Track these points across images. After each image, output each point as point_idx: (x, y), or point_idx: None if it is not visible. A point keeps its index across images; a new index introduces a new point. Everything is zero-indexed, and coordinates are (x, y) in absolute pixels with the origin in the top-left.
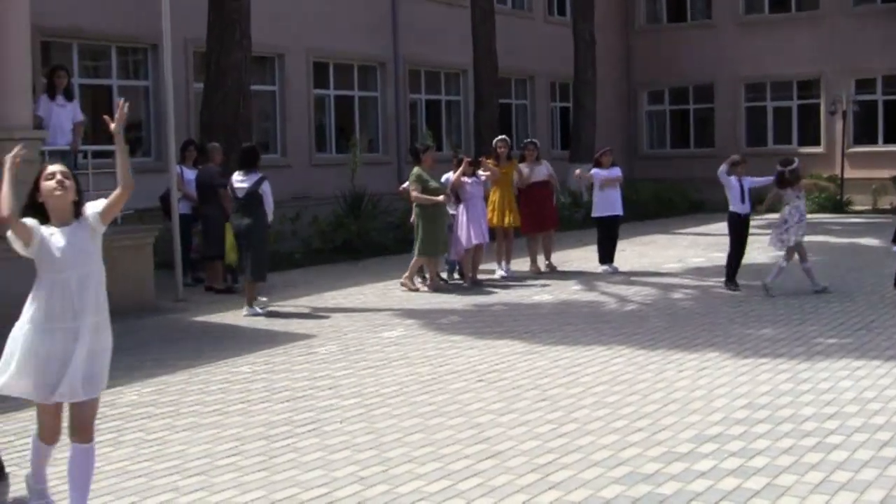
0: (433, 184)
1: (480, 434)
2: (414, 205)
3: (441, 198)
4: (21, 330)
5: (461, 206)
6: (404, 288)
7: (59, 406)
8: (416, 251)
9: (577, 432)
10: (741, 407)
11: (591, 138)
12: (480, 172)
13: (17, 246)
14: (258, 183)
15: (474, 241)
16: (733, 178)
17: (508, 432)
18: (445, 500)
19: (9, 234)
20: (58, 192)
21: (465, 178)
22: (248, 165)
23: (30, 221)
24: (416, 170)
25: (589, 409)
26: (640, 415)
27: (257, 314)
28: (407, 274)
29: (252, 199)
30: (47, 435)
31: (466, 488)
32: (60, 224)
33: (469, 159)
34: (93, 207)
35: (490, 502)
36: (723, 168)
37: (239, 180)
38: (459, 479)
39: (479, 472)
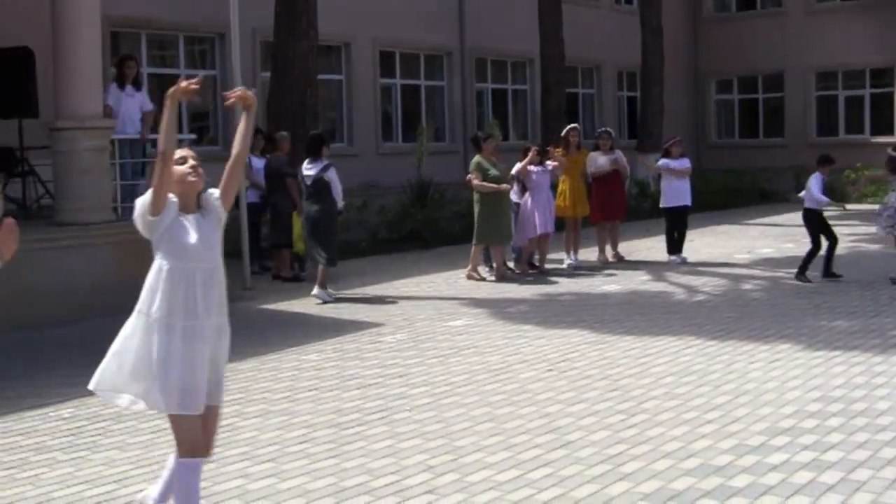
0: (493, 172)
1: (550, 424)
2: (474, 193)
3: (503, 186)
4: (136, 326)
5: (527, 195)
6: (471, 279)
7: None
8: (474, 239)
9: (648, 423)
10: (814, 400)
11: (658, 128)
12: (548, 162)
13: (144, 219)
14: (324, 170)
15: (539, 231)
16: (819, 175)
17: (578, 422)
18: (515, 490)
19: (144, 199)
20: (192, 178)
21: (532, 167)
22: (314, 153)
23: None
24: (476, 158)
25: (659, 399)
26: (711, 406)
27: (325, 300)
28: (470, 266)
29: (319, 186)
30: (196, 447)
31: (536, 478)
32: (185, 214)
33: (536, 148)
34: (212, 194)
35: (560, 492)
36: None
37: (307, 168)
38: (529, 468)
39: (550, 461)
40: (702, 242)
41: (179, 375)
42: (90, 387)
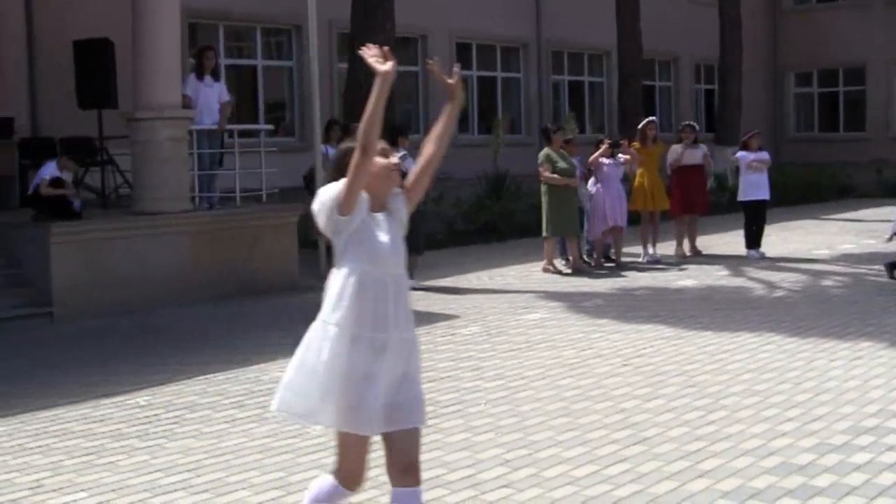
0: (562, 164)
1: (627, 419)
2: (542, 185)
3: (572, 180)
4: (323, 336)
5: (598, 188)
6: (547, 273)
7: (367, 439)
8: (544, 232)
9: (727, 420)
10: None
11: (736, 121)
12: (620, 155)
13: (331, 218)
14: (401, 159)
15: (610, 223)
16: None
17: (655, 418)
18: (592, 486)
19: (331, 194)
20: (395, 175)
21: (604, 160)
22: (391, 143)
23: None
24: (545, 150)
25: (738, 396)
26: (792, 404)
27: (412, 287)
28: (546, 259)
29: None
30: (351, 477)
31: (614, 474)
32: (372, 213)
33: (609, 141)
34: (398, 193)
35: (638, 489)
36: None
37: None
38: (606, 464)
39: (627, 457)
40: (779, 238)
41: (358, 390)
42: (273, 409)
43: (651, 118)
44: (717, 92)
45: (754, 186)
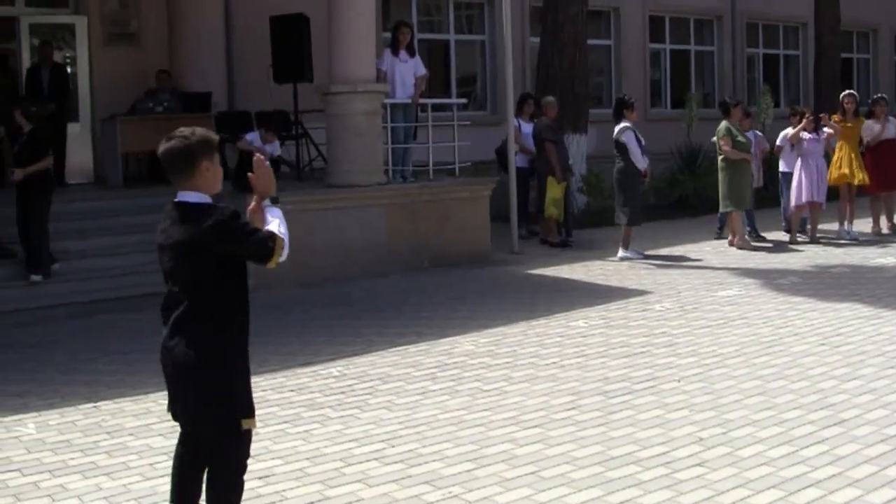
0: (741, 139)
1: (824, 400)
2: (720, 158)
3: (748, 155)
4: None
5: (798, 162)
6: (742, 249)
7: None
8: (722, 207)
9: None
10: None
11: None
12: (824, 128)
13: None
14: (620, 132)
15: (805, 199)
16: None
17: (854, 399)
18: (789, 467)
19: None
20: None
21: (805, 134)
22: (616, 116)
23: None
24: (723, 124)
25: None
26: None
27: (632, 258)
28: (737, 235)
29: (618, 147)
30: None
31: (810, 455)
32: None
33: (811, 115)
34: None
35: (836, 471)
36: None
37: (615, 130)
38: (802, 445)
39: (824, 439)
40: None
41: None
42: None
43: (849, 91)
44: None
45: None
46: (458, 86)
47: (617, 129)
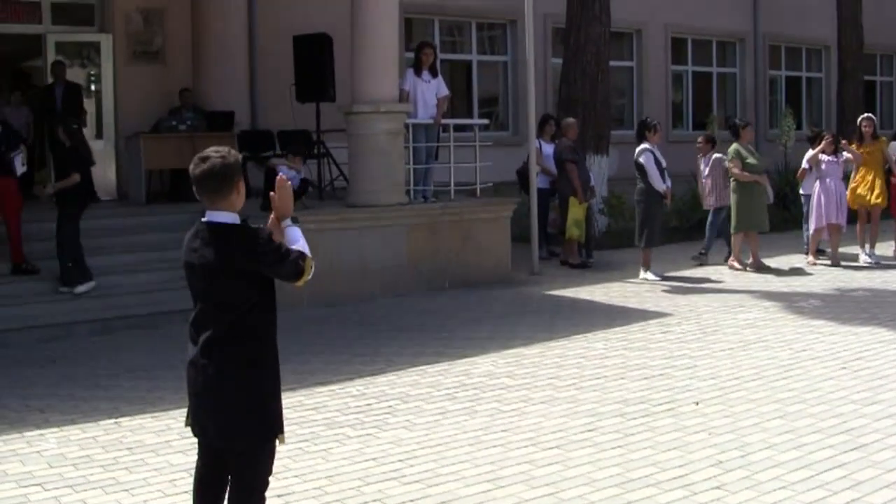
0: (751, 160)
1: (843, 424)
2: (731, 181)
3: (761, 177)
4: None
5: (816, 185)
6: (733, 269)
7: None
8: (732, 228)
9: None
10: None
11: None
12: (844, 152)
13: None
14: (639, 154)
15: (825, 222)
16: None
17: (874, 424)
18: (807, 491)
19: None
20: None
21: (823, 156)
22: (639, 138)
23: None
24: (734, 146)
25: None
26: None
27: (653, 279)
28: (732, 255)
29: (637, 169)
30: None
31: (829, 480)
32: None
33: (830, 137)
34: None
35: (855, 496)
36: None
37: (636, 151)
38: (821, 469)
39: (843, 463)
40: None
41: None
42: None
43: (867, 115)
44: None
45: None
46: (480, 106)
47: (637, 150)
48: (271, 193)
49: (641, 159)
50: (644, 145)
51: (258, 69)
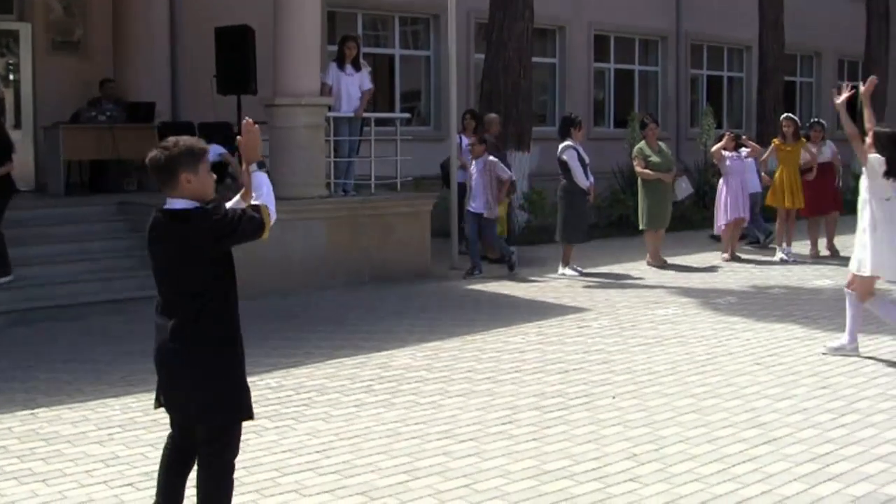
0: (654, 159)
1: (756, 418)
2: (638, 179)
3: (665, 175)
4: None
5: (721, 181)
6: (651, 266)
7: None
8: (641, 225)
9: (859, 424)
10: None
11: (880, 119)
12: (742, 149)
13: None
14: (562, 151)
15: (731, 217)
16: None
17: (786, 419)
18: (719, 483)
19: None
20: None
21: (727, 153)
22: (562, 135)
23: None
24: (639, 144)
25: (871, 400)
26: None
27: (571, 275)
28: (649, 254)
29: (561, 166)
30: None
31: (741, 473)
32: None
33: (731, 134)
34: None
35: (766, 489)
36: None
37: (559, 149)
38: (734, 462)
39: (755, 457)
40: None
41: None
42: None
43: (787, 114)
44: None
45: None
46: (403, 101)
47: (560, 147)
48: (239, 137)
49: (565, 156)
50: (567, 142)
51: (179, 61)
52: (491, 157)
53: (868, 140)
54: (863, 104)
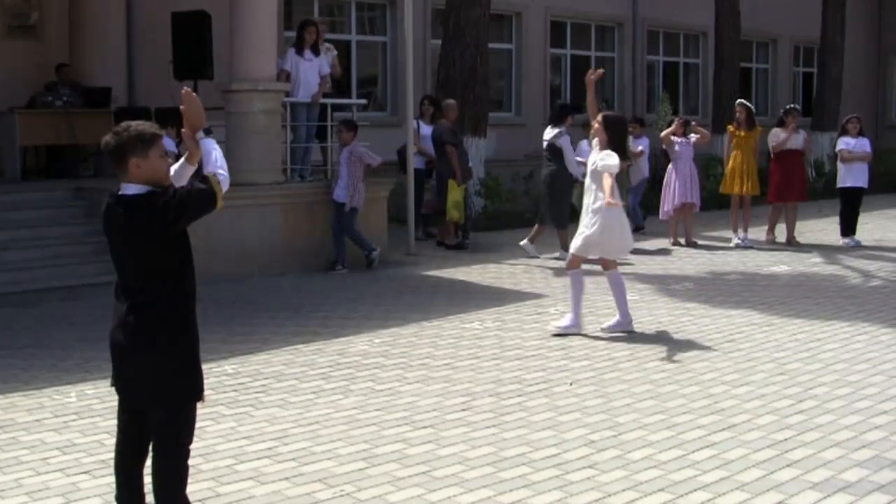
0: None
1: (714, 405)
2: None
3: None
4: None
5: (669, 167)
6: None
7: None
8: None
9: (817, 410)
10: None
11: (835, 105)
12: (691, 135)
13: None
14: (557, 136)
15: (678, 202)
16: None
17: (744, 405)
18: (678, 470)
19: None
20: None
21: (675, 138)
22: (557, 121)
23: None
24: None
25: (829, 386)
26: (886, 396)
27: (530, 254)
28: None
29: (552, 151)
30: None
31: (700, 459)
32: None
33: (681, 120)
34: None
35: (724, 475)
36: None
37: (547, 133)
38: (692, 449)
39: (713, 443)
40: (877, 226)
41: None
42: None
43: (741, 100)
44: (816, 75)
45: (853, 173)
46: (359, 86)
47: (551, 132)
48: (181, 107)
49: (560, 142)
50: (560, 128)
51: (136, 46)
52: (359, 146)
53: (595, 123)
54: (587, 89)
